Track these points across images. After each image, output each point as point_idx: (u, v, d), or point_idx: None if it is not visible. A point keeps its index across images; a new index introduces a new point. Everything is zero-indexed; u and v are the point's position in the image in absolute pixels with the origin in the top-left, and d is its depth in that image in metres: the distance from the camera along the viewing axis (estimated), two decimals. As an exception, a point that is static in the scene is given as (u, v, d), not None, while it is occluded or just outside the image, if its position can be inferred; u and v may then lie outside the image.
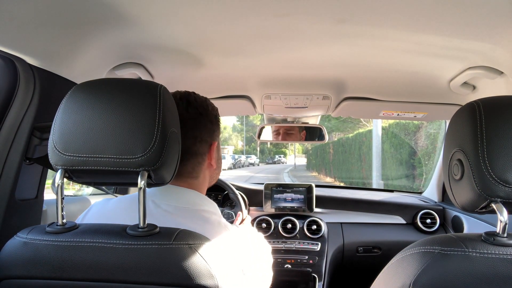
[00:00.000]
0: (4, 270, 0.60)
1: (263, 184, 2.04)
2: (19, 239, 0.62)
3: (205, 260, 0.58)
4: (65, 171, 0.61)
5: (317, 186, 2.14)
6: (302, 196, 1.99)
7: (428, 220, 1.91)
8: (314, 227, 1.90)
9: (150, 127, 0.60)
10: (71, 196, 1.67)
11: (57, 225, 0.62)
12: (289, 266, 1.81)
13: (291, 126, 1.94)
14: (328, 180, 16.37)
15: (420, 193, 2.28)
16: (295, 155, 31.16)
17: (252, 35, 0.96)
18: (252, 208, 2.06)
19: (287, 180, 15.78)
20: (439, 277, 0.52)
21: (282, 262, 1.81)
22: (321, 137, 1.94)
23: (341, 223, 1.98)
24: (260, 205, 2.03)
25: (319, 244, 1.85)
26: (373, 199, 2.05)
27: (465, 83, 1.22)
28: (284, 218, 1.94)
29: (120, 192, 1.75)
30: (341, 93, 1.48)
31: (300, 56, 1.12)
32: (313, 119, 1.91)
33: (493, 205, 0.55)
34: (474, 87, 1.24)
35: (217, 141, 0.86)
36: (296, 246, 1.85)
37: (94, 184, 0.75)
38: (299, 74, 1.30)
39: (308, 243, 1.85)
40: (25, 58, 0.84)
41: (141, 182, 0.59)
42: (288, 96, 1.49)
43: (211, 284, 0.57)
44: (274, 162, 37.68)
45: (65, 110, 0.62)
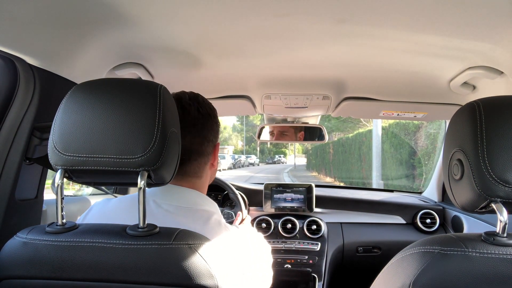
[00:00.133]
0: (4, 270, 0.60)
1: (263, 184, 2.04)
2: (19, 239, 0.62)
3: (205, 260, 0.58)
4: (65, 171, 0.61)
5: (317, 186, 2.14)
6: (302, 196, 1.99)
7: (428, 220, 1.92)
8: (314, 227, 1.90)
9: (150, 127, 0.60)
10: (71, 196, 1.67)
11: (57, 225, 0.62)
12: (289, 266, 1.81)
13: (291, 126, 1.94)
14: (328, 180, 16.37)
15: (420, 193, 2.28)
16: (295, 155, 31.16)
17: (252, 35, 0.96)
18: (252, 208, 2.06)
19: (287, 180, 15.77)
20: (439, 277, 0.52)
21: (282, 262, 1.81)
22: (321, 137, 1.94)
23: (341, 223, 1.98)
24: (260, 205, 2.03)
25: (319, 244, 1.85)
26: (373, 199, 2.05)
27: (465, 83, 1.22)
28: (284, 218, 1.94)
29: (120, 192, 1.75)
30: (341, 93, 1.48)
31: (300, 56, 1.12)
32: (313, 119, 1.91)
33: (493, 205, 0.55)
34: (474, 87, 1.24)
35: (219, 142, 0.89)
36: (296, 246, 1.85)
37: (94, 184, 0.75)
38: (299, 74, 1.30)
39: (308, 243, 1.86)
40: (25, 58, 0.84)
41: (141, 182, 0.59)
42: (288, 96, 1.49)
43: (211, 284, 0.57)
44: (274, 162, 37.68)
45: (65, 110, 0.62)
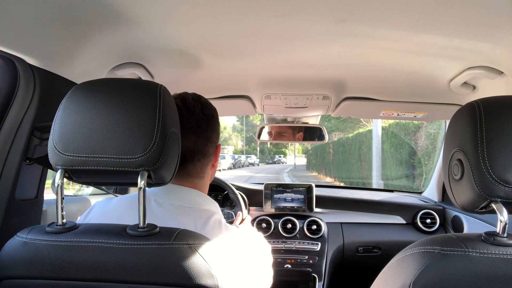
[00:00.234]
0: (4, 270, 0.60)
1: (263, 184, 2.04)
2: (19, 239, 0.62)
3: (205, 260, 0.58)
4: (65, 171, 0.61)
5: (317, 186, 2.14)
6: (302, 196, 1.99)
7: (428, 220, 1.92)
8: (314, 227, 1.90)
9: (150, 127, 0.60)
10: (71, 196, 1.67)
11: (57, 225, 0.62)
12: (289, 266, 1.81)
13: (291, 126, 1.94)
14: (328, 180, 16.37)
15: (420, 193, 2.28)
16: (295, 155, 31.16)
17: (252, 35, 0.96)
18: (252, 208, 2.06)
19: (287, 180, 15.77)
20: (439, 277, 0.52)
21: (282, 262, 1.81)
22: (321, 137, 1.94)
23: (341, 223, 1.98)
24: (260, 205, 2.03)
25: (319, 244, 1.85)
26: (373, 199, 2.05)
27: (465, 83, 1.22)
28: (284, 218, 1.94)
29: (120, 192, 1.75)
30: (341, 93, 1.48)
31: (300, 56, 1.12)
32: (313, 119, 1.91)
33: (493, 205, 0.55)
34: (474, 87, 1.24)
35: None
36: (296, 246, 1.85)
37: (94, 184, 0.75)
38: (299, 74, 1.30)
39: (308, 243, 1.85)
40: (25, 58, 0.84)
41: (141, 182, 0.59)
42: (288, 96, 1.49)
43: (211, 284, 0.57)
44: (274, 162, 37.69)
45: (65, 110, 0.62)
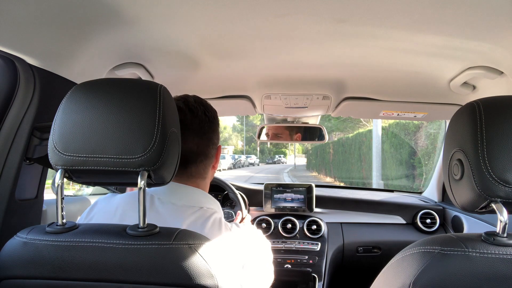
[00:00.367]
0: (4, 270, 0.60)
1: (263, 184, 2.04)
2: (19, 239, 0.62)
3: (205, 260, 0.58)
4: (65, 171, 0.61)
5: (317, 186, 2.14)
6: (302, 196, 1.99)
7: (428, 220, 1.92)
8: (314, 227, 1.90)
9: (150, 127, 0.60)
10: (71, 196, 1.67)
11: (57, 225, 0.62)
12: (289, 266, 1.81)
13: (291, 126, 1.94)
14: (328, 180, 16.37)
15: (420, 193, 2.28)
16: (295, 155, 31.15)
17: (252, 35, 0.96)
18: (252, 208, 2.06)
19: (287, 180, 15.77)
20: (439, 277, 0.52)
21: (282, 262, 1.81)
22: (321, 137, 1.94)
23: (341, 223, 1.98)
24: (260, 205, 2.03)
25: (319, 244, 1.85)
26: (373, 199, 2.05)
27: (465, 83, 1.22)
28: (284, 218, 1.94)
29: (121, 192, 1.75)
30: (341, 93, 1.48)
31: (300, 56, 1.12)
32: (313, 119, 1.91)
33: (493, 205, 0.55)
34: (474, 87, 1.24)
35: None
36: (296, 246, 1.85)
37: (94, 184, 0.75)
38: (299, 74, 1.30)
39: (308, 243, 1.85)
40: (25, 58, 0.84)
41: (141, 182, 0.59)
42: (288, 96, 1.49)
43: (211, 284, 0.57)
44: (274, 162, 37.69)
45: (65, 110, 0.62)
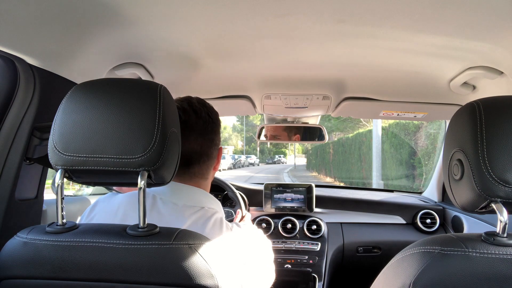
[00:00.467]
0: (4, 270, 0.60)
1: (263, 184, 2.04)
2: (19, 239, 0.62)
3: (205, 260, 0.58)
4: (65, 171, 0.61)
5: (317, 186, 2.14)
6: (302, 196, 1.99)
7: (428, 220, 1.92)
8: (314, 227, 1.90)
9: (150, 127, 0.60)
10: (71, 196, 1.68)
11: (57, 225, 0.62)
12: (289, 266, 1.81)
13: (291, 126, 1.94)
14: (328, 180, 16.37)
15: (420, 193, 2.28)
16: (295, 155, 31.15)
17: (252, 35, 0.96)
18: (252, 208, 2.06)
19: (287, 180, 15.77)
20: (439, 277, 0.52)
21: (282, 262, 1.81)
22: (321, 137, 1.94)
23: (341, 223, 1.98)
24: (260, 205, 2.03)
25: (319, 244, 1.85)
26: (373, 199, 2.05)
27: (465, 83, 1.22)
28: (284, 218, 1.94)
29: (120, 192, 1.75)
30: (341, 93, 1.48)
31: (300, 56, 1.12)
32: (313, 119, 1.91)
33: (493, 205, 0.55)
34: (474, 87, 1.24)
35: None
36: (296, 246, 1.85)
37: (94, 184, 0.75)
38: (299, 74, 1.30)
39: (308, 243, 1.85)
40: (25, 58, 0.84)
41: (141, 182, 0.59)
42: (288, 96, 1.49)
43: (211, 284, 0.57)
44: (274, 162, 37.68)
45: (65, 110, 0.62)
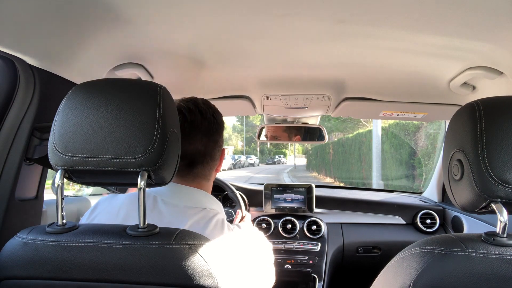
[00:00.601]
0: (4, 271, 0.60)
1: (263, 185, 2.04)
2: (19, 240, 0.62)
3: (205, 260, 0.58)
4: (65, 172, 0.61)
5: (317, 187, 2.14)
6: (302, 196, 1.99)
7: (428, 220, 1.92)
8: (314, 228, 1.90)
9: (150, 127, 0.60)
10: (71, 197, 1.67)
11: (57, 226, 0.62)
12: (289, 267, 1.81)
13: (291, 127, 1.94)
14: (328, 181, 16.37)
15: (420, 193, 2.28)
16: (295, 156, 31.13)
17: (252, 36, 0.96)
18: (252, 209, 2.06)
19: (287, 181, 15.77)
20: (439, 277, 0.52)
21: (282, 263, 1.81)
22: (321, 137, 1.94)
23: (341, 224, 1.98)
24: (260, 206, 2.03)
25: (319, 245, 1.85)
26: (373, 200, 2.05)
27: (465, 83, 1.22)
28: (284, 219, 1.94)
29: (121, 192, 1.75)
30: (341, 93, 1.48)
31: (300, 56, 1.12)
32: (313, 119, 1.91)
33: (493, 206, 0.55)
34: (474, 87, 1.24)
35: None
36: (296, 247, 1.85)
37: (94, 185, 0.76)
38: (299, 74, 1.30)
39: (308, 244, 1.85)
40: (25, 58, 0.84)
41: (141, 182, 0.59)
42: (288, 97, 1.49)
43: (211, 284, 0.57)
44: (274, 163, 37.67)
45: (65, 111, 0.62)
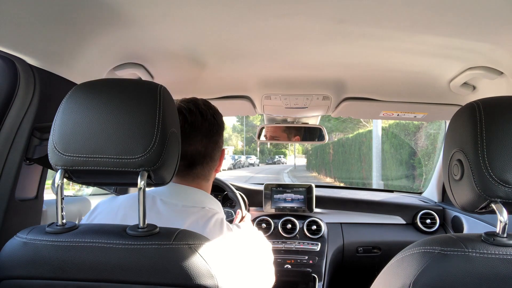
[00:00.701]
0: (4, 271, 0.60)
1: (263, 185, 2.04)
2: (19, 239, 0.62)
3: (205, 260, 0.58)
4: (65, 171, 0.61)
5: (317, 187, 2.14)
6: (302, 196, 1.99)
7: (428, 220, 1.92)
8: (314, 227, 1.90)
9: (150, 128, 0.60)
10: (71, 196, 1.67)
11: (57, 225, 0.62)
12: (289, 267, 1.81)
13: (291, 127, 1.94)
14: (328, 181, 16.37)
15: (420, 193, 2.28)
16: (295, 156, 31.13)
17: (252, 36, 0.96)
18: (252, 209, 2.06)
19: (287, 181, 15.77)
20: (439, 277, 0.52)
21: (282, 263, 1.81)
22: (321, 138, 1.94)
23: (341, 223, 1.98)
24: (260, 206, 2.03)
25: (319, 244, 1.85)
26: (373, 200, 2.05)
27: (465, 84, 1.22)
28: (284, 219, 1.94)
29: (120, 193, 1.75)
30: (341, 93, 1.48)
31: (300, 56, 1.12)
32: (313, 120, 1.91)
33: (493, 206, 0.55)
34: (474, 88, 1.24)
35: None
36: (296, 247, 1.85)
37: (94, 184, 0.76)
38: (299, 74, 1.30)
39: (308, 243, 1.85)
40: (25, 58, 0.84)
41: (141, 182, 0.59)
42: (288, 97, 1.49)
43: (211, 284, 0.57)
44: (274, 163, 37.67)
45: (65, 111, 0.62)
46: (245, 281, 0.69)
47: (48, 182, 1.05)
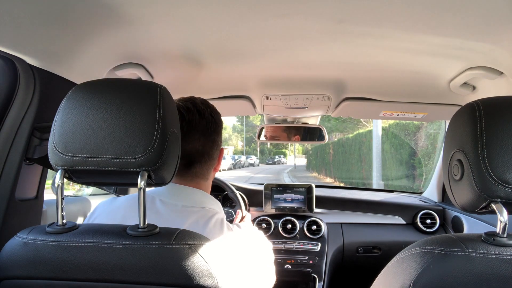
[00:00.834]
0: (4, 271, 0.60)
1: (263, 185, 2.04)
2: (19, 240, 0.62)
3: (205, 260, 0.58)
4: (65, 171, 0.61)
5: (317, 187, 2.14)
6: (302, 197, 1.99)
7: (428, 221, 1.92)
8: (314, 228, 1.90)
9: (150, 127, 0.60)
10: (71, 197, 1.67)
11: (57, 226, 0.62)
12: (289, 267, 1.80)
13: (291, 127, 1.94)
14: (328, 181, 16.37)
15: (420, 194, 2.28)
16: (295, 156, 31.13)
17: (252, 36, 0.96)
18: (252, 209, 2.06)
19: (287, 181, 15.78)
20: (439, 278, 0.52)
21: (282, 263, 1.81)
22: (321, 138, 1.94)
23: (341, 224, 1.98)
24: (260, 206, 2.03)
25: (319, 245, 1.85)
26: (373, 200, 2.05)
27: (465, 84, 1.22)
28: (284, 219, 1.94)
29: (120, 193, 1.75)
30: (341, 94, 1.48)
31: (300, 56, 1.12)
32: (313, 120, 1.91)
33: (493, 206, 0.54)
34: (474, 88, 1.24)
35: None
36: (296, 247, 1.85)
37: (94, 184, 0.76)
38: (299, 74, 1.30)
39: (308, 244, 1.85)
40: (25, 58, 0.84)
41: (141, 183, 0.59)
42: (288, 97, 1.49)
43: (211, 284, 0.57)
44: (274, 163, 37.68)
45: (65, 110, 0.62)
46: (246, 281, 0.69)
47: (48, 182, 1.05)
